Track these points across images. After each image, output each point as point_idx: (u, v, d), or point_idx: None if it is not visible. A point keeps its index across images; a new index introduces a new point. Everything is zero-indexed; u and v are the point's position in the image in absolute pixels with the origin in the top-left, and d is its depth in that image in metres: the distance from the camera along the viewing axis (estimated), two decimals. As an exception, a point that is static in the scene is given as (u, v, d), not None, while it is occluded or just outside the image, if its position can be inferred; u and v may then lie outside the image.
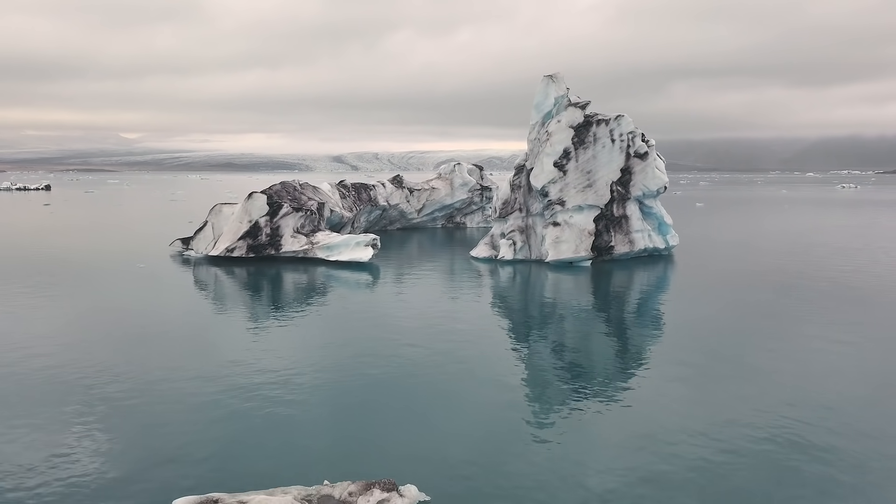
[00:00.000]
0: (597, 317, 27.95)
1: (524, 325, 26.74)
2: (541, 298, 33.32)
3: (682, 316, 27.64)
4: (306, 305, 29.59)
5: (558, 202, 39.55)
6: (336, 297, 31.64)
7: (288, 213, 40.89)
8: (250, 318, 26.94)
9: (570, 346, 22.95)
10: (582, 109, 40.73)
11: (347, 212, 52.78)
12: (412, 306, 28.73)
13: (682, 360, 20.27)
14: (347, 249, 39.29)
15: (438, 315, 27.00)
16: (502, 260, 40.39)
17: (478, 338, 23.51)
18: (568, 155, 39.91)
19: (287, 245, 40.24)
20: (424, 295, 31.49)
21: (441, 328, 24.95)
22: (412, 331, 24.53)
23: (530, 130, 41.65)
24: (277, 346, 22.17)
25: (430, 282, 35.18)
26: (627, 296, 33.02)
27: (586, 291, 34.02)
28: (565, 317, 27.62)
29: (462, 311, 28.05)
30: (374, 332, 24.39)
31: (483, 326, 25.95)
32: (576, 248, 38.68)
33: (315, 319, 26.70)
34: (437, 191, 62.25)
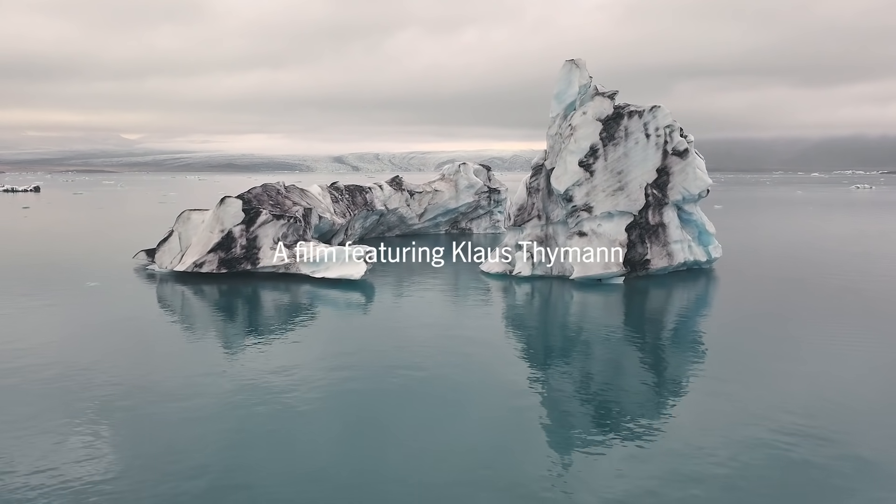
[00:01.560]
0: (633, 346, 22.79)
1: (547, 357, 21.87)
2: (566, 323, 27.63)
3: (735, 349, 22.52)
4: (283, 335, 23.74)
5: (584, 208, 33.60)
6: (320, 325, 25.74)
7: (267, 220, 34.98)
8: (212, 353, 21.03)
9: (602, 381, 18.88)
10: (611, 99, 34.79)
11: (340, 217, 46.87)
12: (412, 338, 22.87)
13: (729, 397, 15.76)
14: (336, 265, 33.36)
15: (444, 349, 21.24)
16: (519, 276, 34.43)
17: (493, 375, 19.17)
18: (595, 153, 33.97)
19: (265, 259, 34.33)
20: (427, 322, 25.61)
21: (448, 365, 19.74)
22: (412, 368, 19.11)
23: (550, 124, 35.72)
24: (242, 391, 16.47)
25: (434, 305, 29.28)
26: (669, 321, 27.38)
27: (619, 315, 28.36)
28: (595, 346, 22.83)
29: (473, 342, 22.51)
30: (367, 370, 18.93)
31: (499, 359, 21.02)
32: (606, 263, 32.73)
33: (292, 354, 20.90)
34: (441, 193, 56.35)
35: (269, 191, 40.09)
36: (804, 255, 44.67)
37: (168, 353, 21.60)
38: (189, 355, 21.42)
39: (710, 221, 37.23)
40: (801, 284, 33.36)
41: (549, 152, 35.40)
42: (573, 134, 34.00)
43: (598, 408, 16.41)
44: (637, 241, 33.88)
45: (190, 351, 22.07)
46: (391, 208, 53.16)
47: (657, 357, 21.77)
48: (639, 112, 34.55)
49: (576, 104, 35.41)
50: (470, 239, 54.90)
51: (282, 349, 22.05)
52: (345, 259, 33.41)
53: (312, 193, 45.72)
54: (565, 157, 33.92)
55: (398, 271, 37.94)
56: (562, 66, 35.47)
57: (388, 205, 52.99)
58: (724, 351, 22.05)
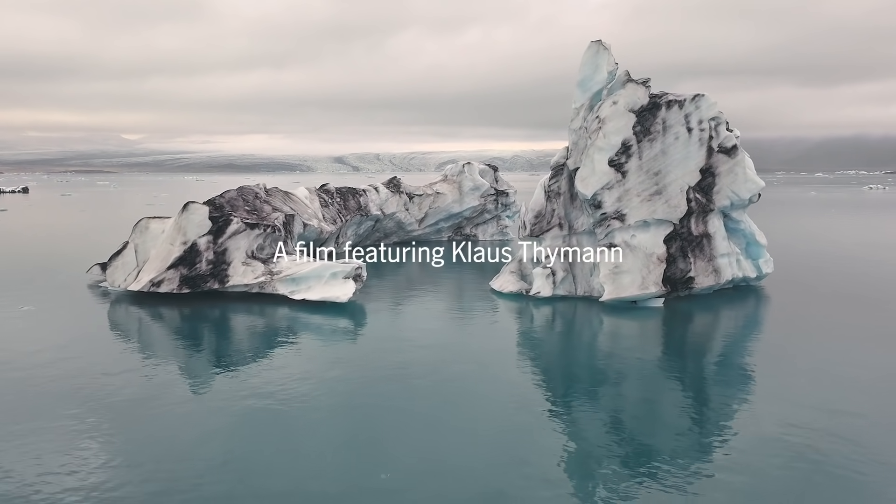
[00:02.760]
0: (674, 384, 18.78)
1: (572, 396, 17.82)
2: (594, 355, 22.80)
3: (799, 389, 17.75)
4: (245, 375, 18.33)
5: (616, 216, 28.17)
6: (294, 364, 20.32)
7: (239, 230, 29.56)
8: (159, 399, 15.59)
9: (638, 426, 15.78)
10: (645, 87, 29.36)
11: (330, 224, 41.49)
12: (409, 381, 17.46)
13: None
14: (319, 284, 27.93)
15: (449, 398, 15.90)
16: (537, 297, 28.96)
17: (510, 417, 15.92)
18: (628, 150, 28.56)
19: (236, 276, 28.91)
20: (427, 360, 20.17)
21: (456, 419, 14.88)
22: (412, 423, 14.56)
23: (573, 117, 30.30)
24: (199, 445, 11.31)
25: (437, 336, 23.87)
26: (718, 352, 22.83)
27: (659, 345, 23.51)
28: (629, 382, 18.84)
29: (485, 383, 17.94)
30: (353, 423, 13.64)
31: (517, 398, 17.25)
32: (642, 282, 27.31)
33: (259, 399, 15.65)
34: (443, 196, 50.92)
35: (246, 194, 34.69)
36: (862, 268, 39.13)
37: (103, 406, 16.17)
38: (126, 409, 16.01)
39: (760, 231, 31.76)
40: (872, 305, 27.92)
41: (573, 150, 29.97)
42: (601, 128, 28.57)
43: (632, 455, 13.90)
44: (678, 255, 28.45)
45: (128, 404, 16.64)
46: (388, 213, 47.75)
47: (703, 397, 17.76)
48: (679, 102, 29.12)
49: (603, 93, 30.00)
50: (476, 247, 49.48)
51: (244, 393, 16.71)
52: (330, 277, 27.98)
53: (298, 197, 40.35)
54: (592, 156, 28.50)
55: (393, 288, 32.51)
56: (586, 47, 30.03)
57: (385, 209, 47.58)
58: (785, 392, 17.49)
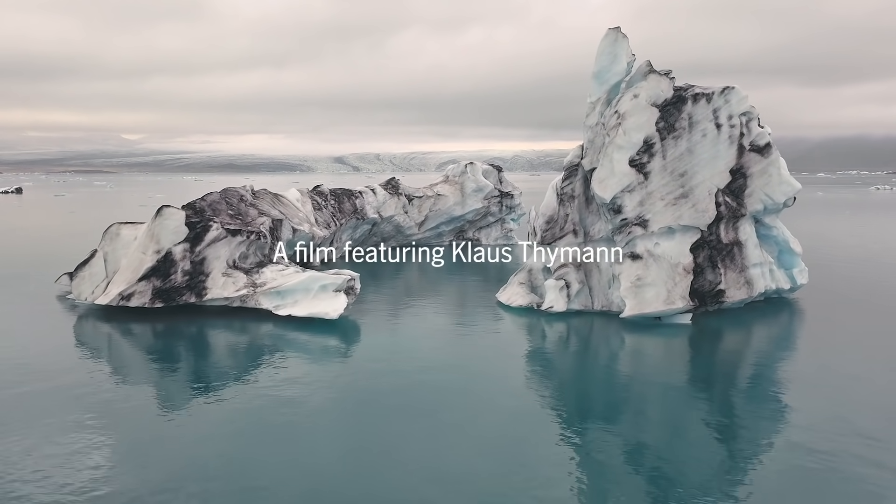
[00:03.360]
0: (703, 410, 16.85)
1: (589, 424, 16.09)
2: (614, 378, 20.23)
3: (845, 421, 15.10)
4: (226, 405, 15.51)
5: (638, 222, 25.31)
6: (283, 390, 17.46)
7: (219, 237, 26.70)
8: (121, 437, 12.73)
9: (662, 458, 14.23)
10: (669, 78, 26.51)
11: (323, 229, 38.65)
12: (410, 422, 14.56)
13: None
14: (307, 298, 25.06)
15: (454, 440, 12.93)
16: (550, 312, 26.08)
17: (523, 451, 13.85)
18: (651, 148, 25.70)
19: (215, 289, 26.05)
20: (429, 390, 17.30)
21: (461, 457, 11.48)
22: (411, 467, 11.04)
23: (588, 112, 27.44)
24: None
25: (438, 359, 20.98)
26: (751, 374, 20.50)
27: (686, 367, 21.09)
28: (652, 408, 17.14)
29: (495, 421, 14.85)
30: (344, 463, 10.81)
31: (532, 432, 14.47)
32: (667, 296, 24.43)
33: (241, 435, 12.71)
34: (444, 198, 48.05)
35: (230, 197, 31.85)
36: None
37: (57, 432, 13.29)
38: (85, 438, 13.13)
39: (794, 237, 28.87)
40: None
41: (588, 148, 27.10)
42: (621, 124, 25.71)
43: (654, 489, 12.63)
44: (706, 266, 25.58)
45: (88, 431, 13.77)
46: (386, 216, 44.88)
47: (735, 426, 15.84)
48: (707, 95, 26.26)
49: (622, 85, 27.16)
50: (479, 251, 46.62)
51: (220, 422, 13.85)
52: (319, 290, 25.11)
53: (288, 200, 37.51)
54: (611, 155, 25.63)
55: (391, 299, 29.63)
56: (604, 35, 27.15)
57: (383, 212, 44.72)
58: (827, 422, 15.23)
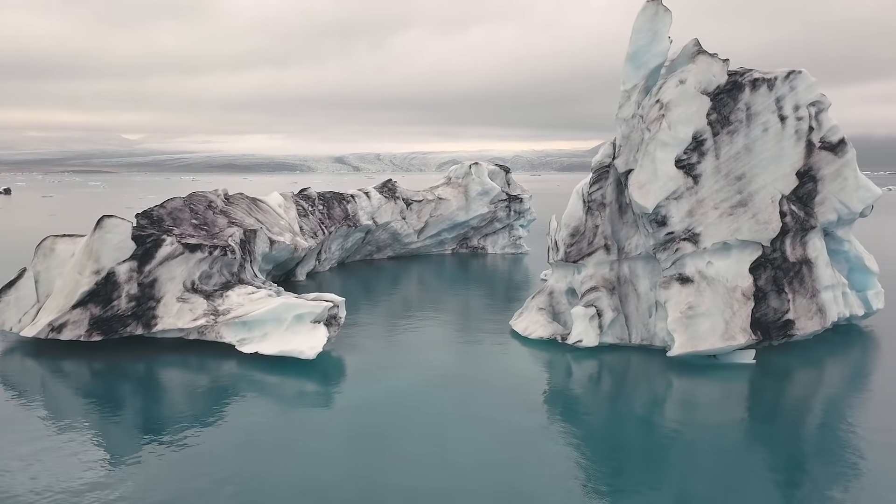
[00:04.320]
0: (777, 488, 12.15)
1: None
2: (664, 438, 15.29)
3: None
4: (168, 471, 10.81)
5: (687, 236, 20.54)
6: (242, 454, 12.67)
7: (174, 254, 21.95)
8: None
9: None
10: (723, 61, 21.75)
11: (309, 238, 33.91)
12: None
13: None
14: (278, 330, 20.27)
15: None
16: (578, 347, 21.27)
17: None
18: (701, 146, 20.95)
19: (168, 318, 21.28)
20: (429, 460, 12.52)
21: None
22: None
23: (622, 102, 22.66)
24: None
25: (442, 414, 16.20)
26: (834, 432, 14.62)
27: (754, 423, 16.28)
28: (712, 483, 13.06)
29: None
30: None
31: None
32: (725, 329, 19.65)
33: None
34: (446, 202, 43.29)
35: (196, 203, 27.12)
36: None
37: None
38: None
39: (868, 253, 24.06)
40: None
41: (623, 146, 22.33)
42: (665, 115, 20.94)
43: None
44: (770, 290, 20.81)
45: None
46: (381, 222, 40.12)
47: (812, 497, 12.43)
48: (768, 81, 21.50)
49: (662, 70, 22.40)
50: (484, 261, 41.91)
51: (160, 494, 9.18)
52: (293, 321, 20.33)
53: (269, 205, 32.78)
54: (653, 154, 20.87)
55: (384, 329, 24.85)
56: (641, 9, 22.34)
57: (378, 218, 39.97)
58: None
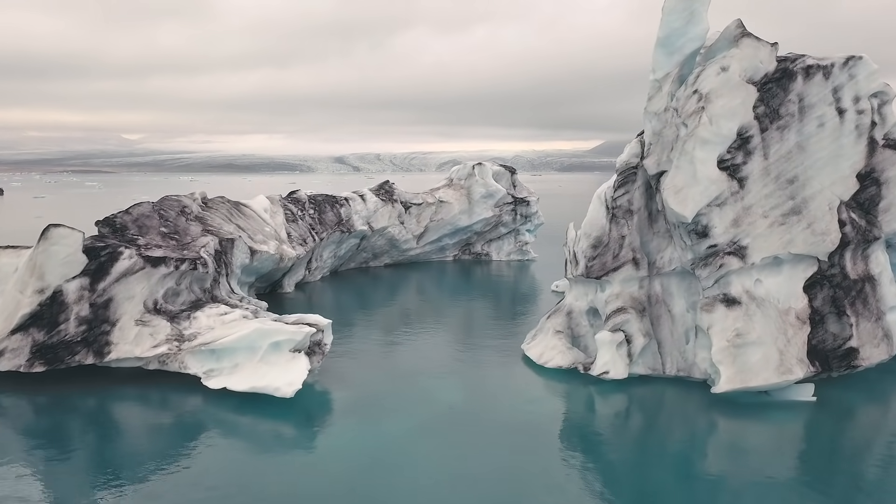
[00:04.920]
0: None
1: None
2: (706, 496, 11.76)
3: None
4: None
5: (733, 250, 17.50)
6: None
7: (133, 269, 18.92)
8: None
9: None
10: (771, 45, 18.72)
11: (297, 245, 30.88)
12: None
13: None
14: (251, 361, 17.22)
15: None
16: (604, 379, 18.20)
17: None
18: (748, 143, 17.93)
19: (124, 344, 18.23)
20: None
21: None
22: None
23: (652, 93, 19.60)
24: None
25: (444, 467, 13.18)
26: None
27: (817, 474, 13.00)
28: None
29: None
30: None
31: None
32: (780, 360, 16.60)
33: None
34: (448, 206, 40.26)
35: (167, 209, 24.10)
36: None
37: None
38: None
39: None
40: None
41: (653, 144, 19.27)
42: (705, 108, 17.89)
43: None
44: (828, 312, 17.77)
45: None
46: (377, 227, 37.08)
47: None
48: (824, 68, 18.47)
49: (698, 57, 19.36)
50: (488, 269, 38.89)
51: None
52: (269, 349, 17.28)
53: (253, 210, 29.76)
54: (692, 153, 17.83)
55: (377, 354, 21.78)
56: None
57: (374, 223, 36.93)
58: None
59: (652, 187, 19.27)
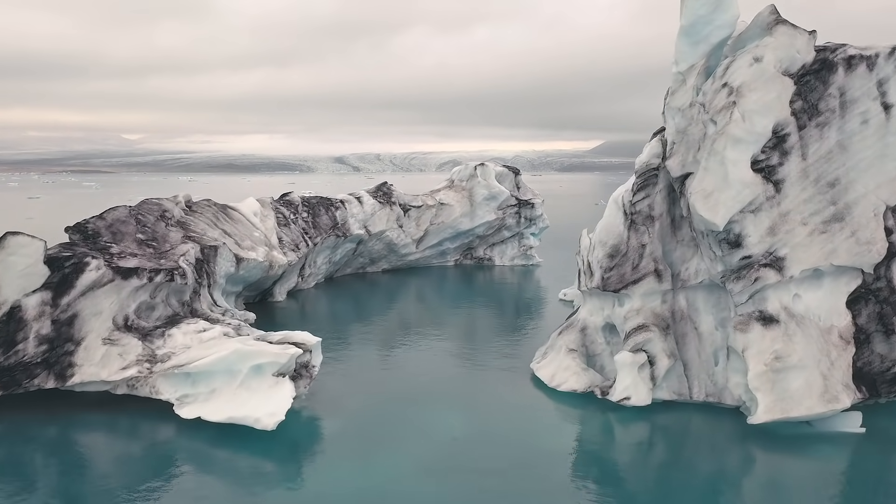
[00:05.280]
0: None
1: None
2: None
3: None
4: None
5: (769, 261, 15.67)
6: None
7: (102, 281, 17.09)
8: None
9: None
10: (808, 33, 16.89)
11: (289, 251, 29.06)
12: None
13: None
14: (229, 387, 15.37)
15: None
16: (625, 406, 16.35)
17: None
18: (784, 142, 16.10)
19: (89, 366, 16.39)
20: None
21: None
22: None
23: (674, 87, 17.75)
24: None
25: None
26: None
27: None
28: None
29: None
30: None
31: None
32: (824, 386, 14.77)
33: None
34: (449, 208, 38.43)
35: (146, 213, 22.27)
36: None
37: None
38: None
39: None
40: None
41: (677, 143, 17.41)
42: (737, 103, 16.05)
43: None
44: (874, 330, 15.94)
45: None
46: (375, 231, 35.25)
47: None
48: (867, 59, 16.63)
49: (724, 49, 17.51)
50: (491, 275, 37.04)
51: None
52: (250, 373, 15.45)
53: (241, 214, 27.94)
54: (722, 153, 15.98)
55: (371, 375, 19.92)
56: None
57: (371, 226, 35.10)
58: None
59: (675, 191, 17.43)
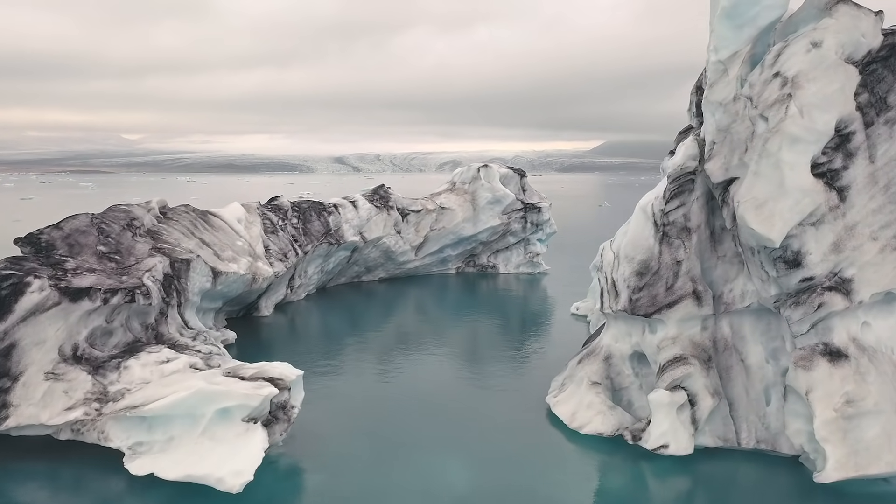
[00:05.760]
0: None
1: None
2: None
3: None
4: None
5: (833, 284, 13.18)
6: None
7: (46, 304, 14.60)
8: None
9: None
10: (875, 14, 14.40)
11: (276, 260, 26.58)
12: None
13: None
14: (190, 435, 12.86)
15: None
16: (662, 454, 13.85)
17: None
18: (848, 141, 13.61)
19: (27, 406, 13.89)
20: None
21: None
22: None
23: (714, 77, 15.22)
24: None
25: None
26: None
27: None
28: None
29: None
30: None
31: None
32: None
33: None
34: (450, 213, 35.95)
35: (110, 222, 19.75)
36: None
37: None
38: None
39: None
40: None
41: (718, 143, 14.90)
42: (793, 95, 13.55)
43: None
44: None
45: None
46: (371, 238, 32.75)
47: None
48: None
49: (775, 30, 15.02)
50: (495, 283, 34.55)
51: None
52: (215, 417, 12.95)
53: (224, 221, 25.45)
54: (776, 154, 13.48)
55: (363, 406, 17.41)
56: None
57: (367, 233, 32.60)
58: None
59: (716, 199, 14.95)
